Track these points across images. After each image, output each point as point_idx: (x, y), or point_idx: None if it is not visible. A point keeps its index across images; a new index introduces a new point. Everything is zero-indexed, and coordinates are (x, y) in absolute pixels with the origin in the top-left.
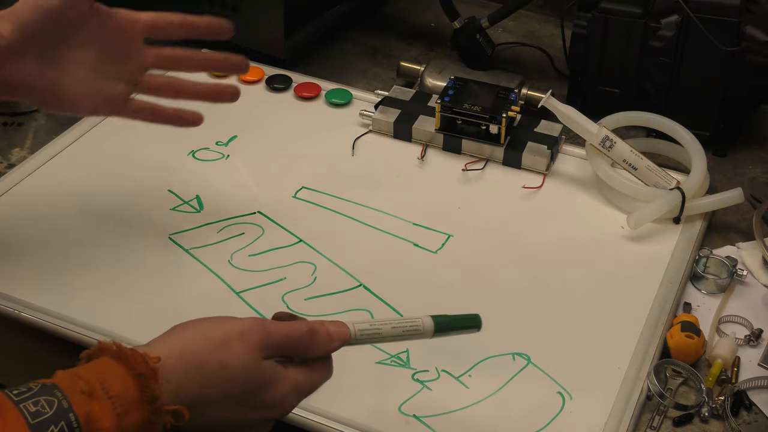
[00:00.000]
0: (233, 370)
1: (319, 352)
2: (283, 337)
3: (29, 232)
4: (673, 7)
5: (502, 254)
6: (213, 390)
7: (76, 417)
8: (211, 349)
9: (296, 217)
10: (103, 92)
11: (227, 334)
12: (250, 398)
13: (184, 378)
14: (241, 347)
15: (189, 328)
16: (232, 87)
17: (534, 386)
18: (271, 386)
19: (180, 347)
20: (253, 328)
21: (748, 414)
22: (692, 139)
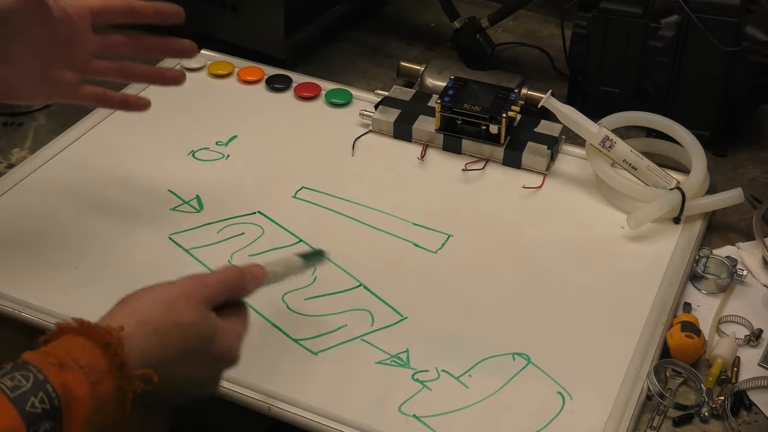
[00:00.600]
0: (187, 327)
1: (250, 290)
2: (220, 284)
3: (29, 231)
4: (673, 7)
5: (502, 254)
6: (173, 349)
7: (53, 388)
8: (163, 312)
9: (296, 217)
10: (53, 81)
11: (173, 296)
12: (205, 352)
13: (146, 343)
14: (188, 305)
15: (134, 298)
16: (177, 71)
17: (534, 386)
18: (219, 337)
19: (134, 316)
20: (194, 285)
21: (748, 414)
22: (692, 139)
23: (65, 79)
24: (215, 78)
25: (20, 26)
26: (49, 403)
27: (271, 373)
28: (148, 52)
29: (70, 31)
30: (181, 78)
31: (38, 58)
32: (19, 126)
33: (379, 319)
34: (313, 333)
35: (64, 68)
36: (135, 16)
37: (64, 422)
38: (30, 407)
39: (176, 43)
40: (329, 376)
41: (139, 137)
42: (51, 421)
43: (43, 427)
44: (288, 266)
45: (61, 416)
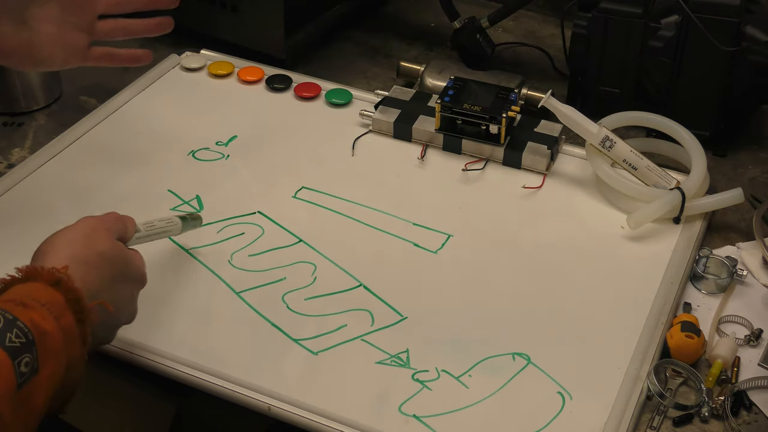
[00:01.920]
0: (107, 254)
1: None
2: (113, 220)
3: (29, 232)
4: (673, 7)
5: (502, 254)
6: (103, 276)
7: (24, 324)
8: (83, 245)
9: (296, 217)
10: (69, 44)
11: (83, 232)
12: (125, 273)
13: (83, 274)
14: (101, 236)
15: (51, 243)
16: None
17: (534, 386)
18: (131, 261)
19: (63, 255)
20: (95, 221)
21: (748, 414)
22: (692, 139)
23: (78, 42)
24: (215, 78)
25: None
26: (24, 337)
27: (271, 373)
28: (146, 5)
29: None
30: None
31: (54, 21)
32: (19, 126)
33: (379, 319)
34: (313, 333)
35: (75, 30)
36: None
37: (39, 355)
38: (9, 342)
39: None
40: (329, 376)
41: (139, 137)
42: (29, 354)
43: (24, 360)
44: (166, 223)
45: (36, 349)
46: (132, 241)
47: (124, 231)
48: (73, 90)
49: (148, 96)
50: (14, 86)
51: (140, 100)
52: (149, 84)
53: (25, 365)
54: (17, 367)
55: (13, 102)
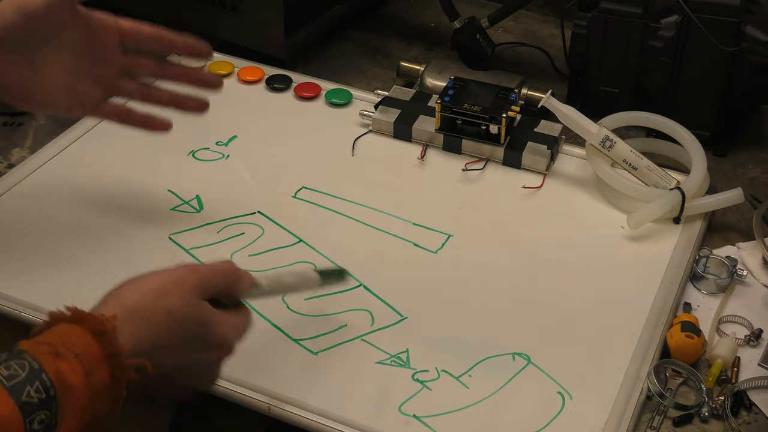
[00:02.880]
0: (178, 314)
1: (244, 289)
2: (214, 273)
3: (29, 232)
4: (673, 7)
5: (502, 254)
6: (164, 337)
7: (49, 376)
8: (153, 299)
9: (296, 217)
10: (77, 94)
11: (163, 283)
12: (197, 340)
13: (136, 331)
14: (179, 292)
15: (122, 288)
16: (201, 100)
17: (534, 386)
18: (213, 326)
19: (123, 305)
20: (185, 273)
21: (748, 414)
22: (692, 139)
23: (89, 93)
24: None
25: (50, 31)
26: (44, 392)
27: (271, 373)
28: (173, 78)
29: (99, 46)
30: (205, 107)
31: (65, 68)
32: (19, 126)
33: (379, 319)
34: (313, 333)
35: (89, 82)
36: (163, 45)
37: (60, 411)
38: (26, 397)
39: (201, 74)
40: (329, 376)
41: (139, 137)
42: (46, 411)
43: (39, 417)
44: (301, 279)
45: (56, 405)
46: (250, 296)
47: (226, 286)
48: None
49: None
50: None
51: None
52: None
53: (39, 422)
54: (28, 425)
55: None
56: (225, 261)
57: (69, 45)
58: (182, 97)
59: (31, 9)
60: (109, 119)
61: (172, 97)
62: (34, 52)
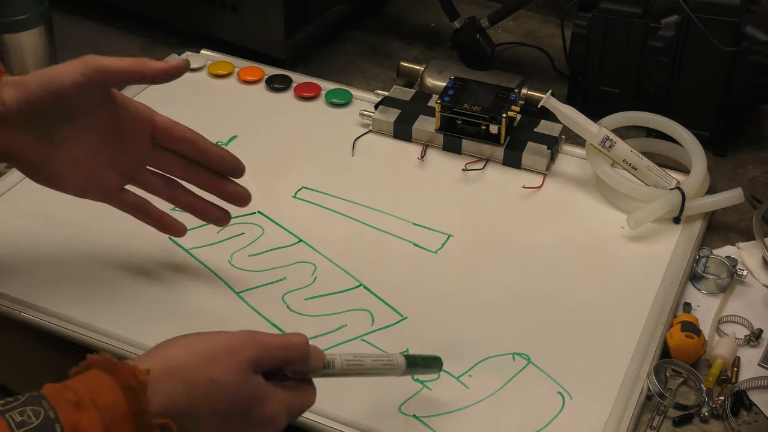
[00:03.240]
0: (222, 386)
1: (311, 367)
2: (277, 348)
3: (29, 232)
4: (673, 7)
5: (502, 254)
6: (201, 405)
7: (62, 428)
8: (199, 363)
9: (296, 217)
10: (95, 178)
11: (215, 348)
12: (240, 416)
13: (172, 391)
14: (229, 362)
15: (174, 342)
16: (222, 211)
17: (534, 386)
18: (261, 404)
19: (166, 361)
20: (243, 342)
21: (748, 414)
22: (692, 139)
23: (107, 179)
24: (215, 78)
25: (76, 111)
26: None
27: None
28: (199, 184)
29: (128, 134)
30: (227, 220)
31: (86, 150)
32: None
33: (379, 319)
34: (313, 333)
35: (109, 169)
36: (196, 151)
37: None
38: None
39: (230, 186)
40: None
41: None
42: None
43: None
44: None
45: None
46: (320, 375)
47: (287, 363)
48: None
49: (148, 96)
50: None
51: (140, 100)
52: (149, 84)
53: None
54: None
55: None
56: (295, 335)
57: (95, 128)
58: (204, 204)
59: (56, 86)
60: (123, 210)
61: (195, 201)
62: (55, 129)
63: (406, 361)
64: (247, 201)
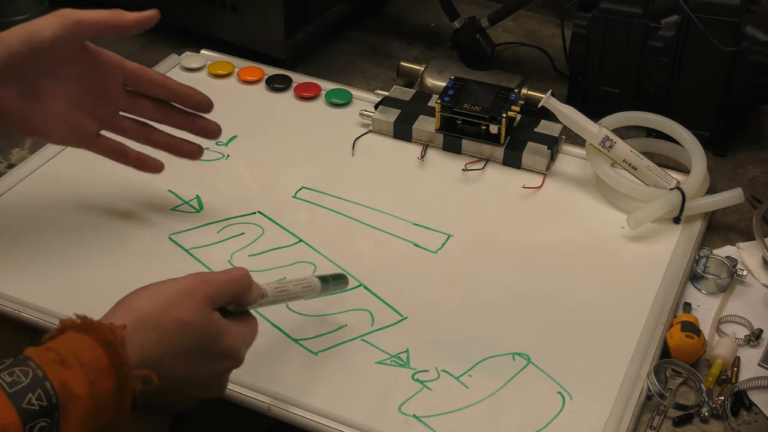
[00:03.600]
0: (188, 324)
1: (251, 298)
2: (223, 283)
3: (29, 232)
4: (673, 7)
5: (502, 254)
6: (173, 347)
7: (52, 385)
8: (163, 309)
9: (296, 217)
10: (74, 126)
11: (174, 293)
12: (207, 350)
13: (146, 340)
14: (191, 303)
15: (135, 297)
16: (195, 146)
17: (534, 386)
18: (222, 336)
19: (136, 313)
20: (197, 283)
21: (748, 414)
22: (692, 139)
23: (86, 127)
24: (215, 78)
25: (55, 63)
26: (46, 401)
27: (271, 373)
28: (173, 123)
29: (103, 82)
30: (200, 153)
31: (65, 99)
32: None
33: (379, 319)
34: (313, 333)
35: (87, 116)
36: (167, 92)
37: (61, 420)
38: (27, 404)
39: (203, 121)
40: (329, 376)
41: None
42: (47, 419)
43: (39, 425)
44: (304, 287)
45: (58, 414)
46: (256, 305)
47: (236, 296)
48: None
49: None
50: None
51: None
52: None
53: (39, 430)
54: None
55: None
56: (237, 269)
57: (73, 78)
58: (178, 141)
59: (37, 41)
60: (102, 154)
61: (168, 140)
62: (36, 82)
63: (320, 280)
64: (219, 133)
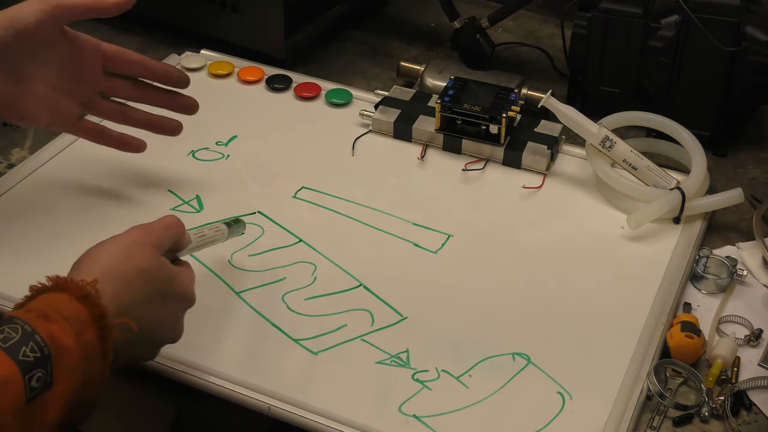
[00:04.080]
0: (147, 270)
1: (183, 244)
2: (164, 229)
3: (29, 232)
4: (673, 7)
5: (502, 254)
6: (139, 294)
7: (41, 337)
8: (122, 260)
9: (296, 217)
10: (58, 110)
11: (125, 246)
12: (166, 293)
13: (116, 291)
14: (144, 251)
15: (92, 254)
16: (175, 122)
17: (534, 386)
18: (176, 279)
19: (100, 268)
20: (141, 234)
21: (748, 414)
22: (692, 139)
23: (68, 109)
24: (215, 78)
25: (38, 47)
26: (39, 352)
27: (271, 373)
28: (152, 101)
29: (82, 65)
30: (179, 129)
31: (47, 83)
32: (19, 126)
33: (379, 319)
34: (313, 333)
35: (69, 99)
36: (144, 70)
37: (53, 370)
38: (23, 356)
39: (180, 98)
40: (329, 376)
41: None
42: (42, 369)
43: (36, 375)
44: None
45: (51, 364)
46: (184, 252)
47: (174, 242)
48: None
49: None
50: None
51: None
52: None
53: (36, 380)
54: (27, 382)
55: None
56: (169, 216)
57: (54, 61)
58: (158, 118)
59: (22, 26)
60: (85, 137)
61: (148, 117)
62: (19, 66)
63: (225, 224)
64: (196, 107)
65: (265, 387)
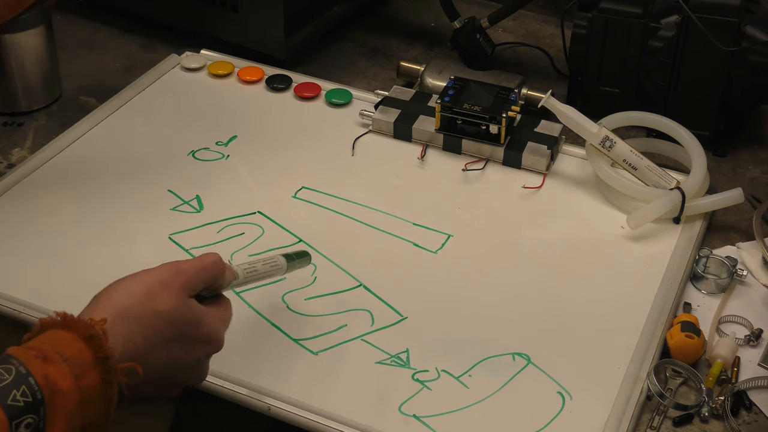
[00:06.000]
0: (167, 314)
1: (225, 282)
2: (197, 270)
3: (29, 232)
4: (673, 7)
5: (502, 254)
6: (155, 338)
7: (36, 380)
8: (142, 301)
9: (296, 217)
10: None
11: (150, 285)
12: (188, 337)
13: (127, 332)
14: (168, 293)
15: (112, 290)
16: None
17: (534, 386)
18: (202, 322)
19: (115, 307)
20: (171, 273)
21: (748, 414)
22: (692, 139)
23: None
24: (215, 78)
25: None
26: (31, 396)
27: (271, 373)
28: None
29: None
30: None
31: None
32: (19, 126)
33: (379, 319)
34: (313, 333)
35: None
36: None
37: (48, 415)
38: (12, 400)
39: None
40: (329, 376)
41: (139, 137)
42: (33, 415)
43: (26, 421)
44: (271, 265)
45: (44, 409)
46: (228, 288)
47: (211, 281)
48: (73, 90)
49: (148, 96)
50: (14, 86)
51: (140, 100)
52: (149, 84)
53: (26, 426)
54: (15, 428)
55: (13, 102)
56: (209, 254)
57: None
58: None
59: None
60: None
61: None
62: None
63: (285, 258)
64: None
65: (265, 387)
